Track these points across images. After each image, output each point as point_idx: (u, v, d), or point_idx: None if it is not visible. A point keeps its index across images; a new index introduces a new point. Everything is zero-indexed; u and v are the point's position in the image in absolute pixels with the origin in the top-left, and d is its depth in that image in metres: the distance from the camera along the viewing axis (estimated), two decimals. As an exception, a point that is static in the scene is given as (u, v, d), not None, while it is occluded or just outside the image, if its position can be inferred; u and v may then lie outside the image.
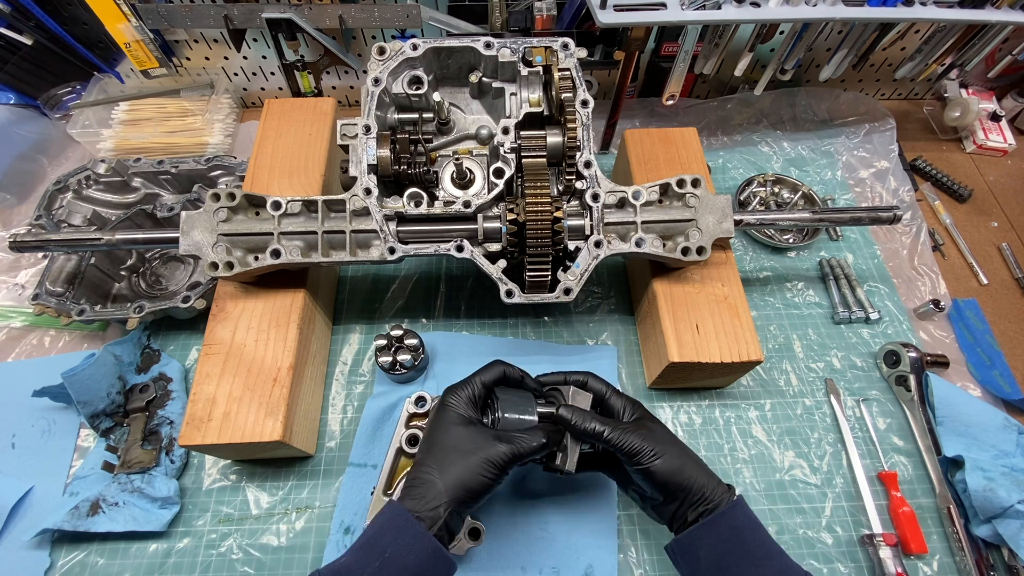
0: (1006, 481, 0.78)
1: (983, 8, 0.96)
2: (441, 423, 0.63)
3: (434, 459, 0.60)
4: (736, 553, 0.58)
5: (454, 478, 0.58)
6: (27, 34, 1.08)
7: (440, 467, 0.59)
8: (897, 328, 1.00)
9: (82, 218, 0.99)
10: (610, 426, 0.63)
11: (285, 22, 1.04)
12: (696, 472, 0.62)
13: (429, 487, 0.57)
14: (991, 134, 1.27)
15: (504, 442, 0.60)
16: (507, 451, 0.59)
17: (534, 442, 0.61)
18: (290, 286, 0.84)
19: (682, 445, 0.65)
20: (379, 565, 0.52)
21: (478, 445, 0.60)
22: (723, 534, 0.59)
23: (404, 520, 0.55)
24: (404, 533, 0.54)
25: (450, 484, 0.57)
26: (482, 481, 0.58)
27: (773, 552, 0.59)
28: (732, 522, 0.59)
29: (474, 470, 0.58)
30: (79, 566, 0.77)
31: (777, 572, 0.57)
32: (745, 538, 0.59)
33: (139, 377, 0.89)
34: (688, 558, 0.61)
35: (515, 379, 0.69)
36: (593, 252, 0.77)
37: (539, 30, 1.04)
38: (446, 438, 0.61)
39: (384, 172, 0.78)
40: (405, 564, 0.53)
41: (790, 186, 1.15)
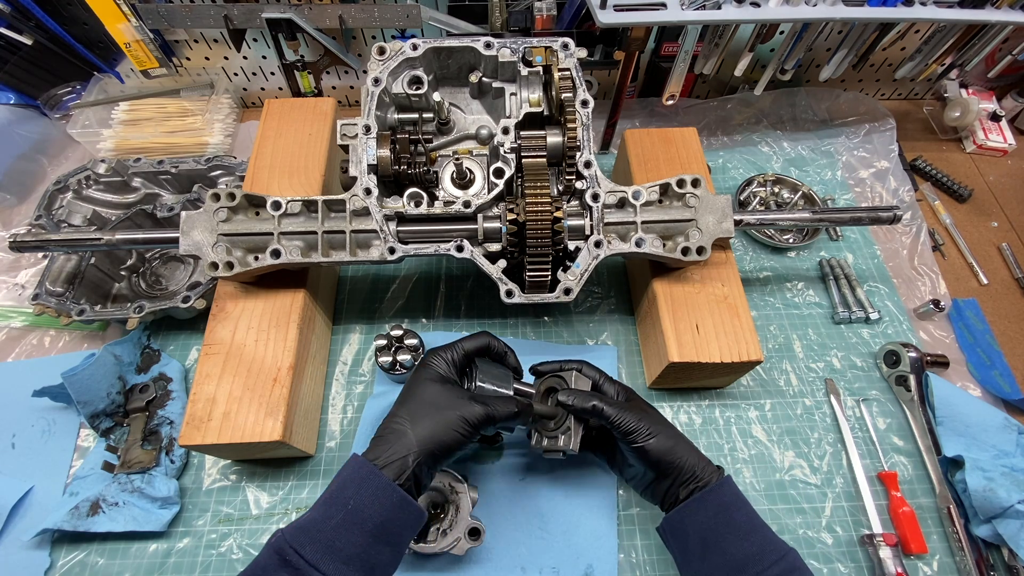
0: (1006, 481, 0.78)
1: (983, 8, 0.96)
2: (419, 379, 0.64)
3: (408, 411, 0.61)
4: (723, 528, 0.60)
5: (427, 431, 0.58)
6: (27, 34, 1.08)
7: (413, 419, 0.59)
8: (897, 328, 1.00)
9: (82, 218, 0.99)
10: (609, 405, 0.67)
11: (285, 22, 1.04)
12: (687, 452, 0.65)
13: (399, 436, 0.58)
14: (991, 134, 1.27)
15: (480, 404, 0.61)
16: (482, 412, 0.61)
17: (506, 409, 0.63)
18: (290, 286, 0.84)
19: (674, 428, 0.68)
20: (343, 517, 0.52)
21: (453, 403, 0.61)
22: (711, 510, 0.61)
23: (368, 471, 0.55)
24: (367, 484, 0.54)
25: (422, 436, 0.58)
26: (455, 436, 0.59)
27: (758, 526, 0.61)
28: (720, 499, 0.62)
29: (448, 425, 0.59)
30: (79, 566, 0.77)
31: (761, 544, 0.59)
32: (732, 514, 0.61)
33: (139, 377, 0.89)
34: (678, 535, 0.63)
35: (499, 353, 0.71)
36: (593, 252, 0.77)
37: (539, 30, 1.04)
38: (423, 393, 0.62)
39: (384, 172, 0.78)
40: (369, 515, 0.53)
41: (790, 186, 1.15)
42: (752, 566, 0.58)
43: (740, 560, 0.58)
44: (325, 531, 0.52)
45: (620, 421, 0.66)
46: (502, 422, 0.63)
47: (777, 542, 0.60)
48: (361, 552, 0.52)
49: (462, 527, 0.71)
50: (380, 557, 0.53)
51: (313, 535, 0.51)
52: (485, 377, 0.67)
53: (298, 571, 0.49)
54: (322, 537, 0.51)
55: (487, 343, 0.70)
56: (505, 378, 0.69)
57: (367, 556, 0.52)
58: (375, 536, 0.53)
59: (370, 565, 0.52)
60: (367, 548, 0.52)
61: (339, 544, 0.51)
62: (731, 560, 0.59)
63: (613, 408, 0.66)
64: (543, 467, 0.84)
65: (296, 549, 0.50)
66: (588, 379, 0.73)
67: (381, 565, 0.54)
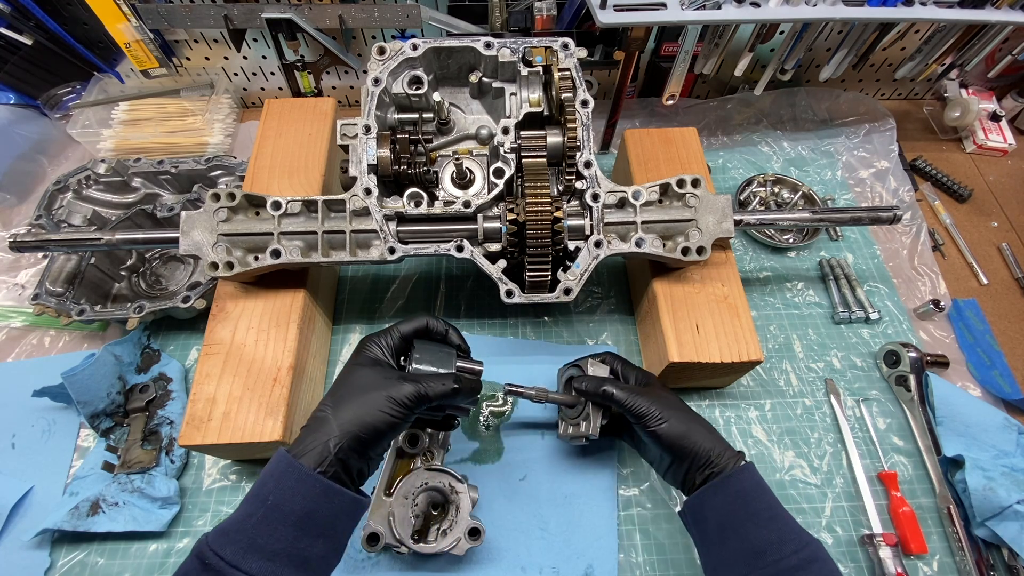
0: (1006, 481, 0.78)
1: (983, 8, 0.96)
2: (348, 365, 0.62)
3: (332, 398, 0.58)
4: (741, 515, 0.60)
5: (350, 414, 0.55)
6: (27, 34, 1.08)
7: (336, 404, 0.57)
8: (897, 328, 1.00)
9: (82, 218, 0.99)
10: (620, 389, 0.68)
11: (285, 22, 1.04)
12: (702, 437, 0.65)
13: (320, 423, 0.55)
14: (991, 134, 1.27)
15: (410, 382, 0.58)
16: (411, 390, 0.57)
17: (441, 386, 0.59)
18: (290, 286, 0.84)
19: (691, 412, 0.68)
20: (263, 513, 0.50)
21: (380, 384, 0.58)
22: (729, 496, 0.61)
23: (286, 464, 0.52)
24: (287, 476, 0.52)
25: (344, 419, 0.55)
26: (381, 417, 0.55)
27: (779, 514, 0.60)
28: (738, 485, 0.61)
29: (373, 405, 0.56)
30: (79, 566, 0.77)
31: (780, 533, 0.58)
32: (750, 501, 0.60)
33: (139, 377, 0.89)
34: (697, 520, 0.63)
35: (439, 333, 0.68)
36: (593, 252, 0.77)
37: (539, 30, 1.04)
38: (350, 378, 0.60)
39: (384, 172, 0.78)
40: (291, 509, 0.50)
41: (790, 186, 1.15)
42: (771, 553, 0.57)
43: (758, 546, 0.57)
44: (246, 529, 0.50)
45: (632, 405, 0.66)
46: (438, 400, 0.59)
47: (799, 531, 0.59)
48: (287, 547, 0.50)
49: (462, 527, 0.71)
50: (313, 550, 0.51)
51: (233, 536, 0.49)
52: (422, 357, 0.64)
53: (220, 572, 0.47)
54: (242, 536, 0.49)
55: (425, 323, 0.66)
56: (446, 357, 0.65)
57: (296, 550, 0.50)
58: (301, 529, 0.50)
59: (301, 559, 0.50)
60: (294, 542, 0.50)
61: (261, 541, 0.49)
62: (749, 546, 0.58)
63: (624, 392, 0.67)
64: (543, 467, 0.84)
65: (216, 551, 0.48)
66: (606, 366, 0.75)
67: (316, 558, 0.52)
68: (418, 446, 0.75)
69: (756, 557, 0.57)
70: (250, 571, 0.47)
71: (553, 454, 0.85)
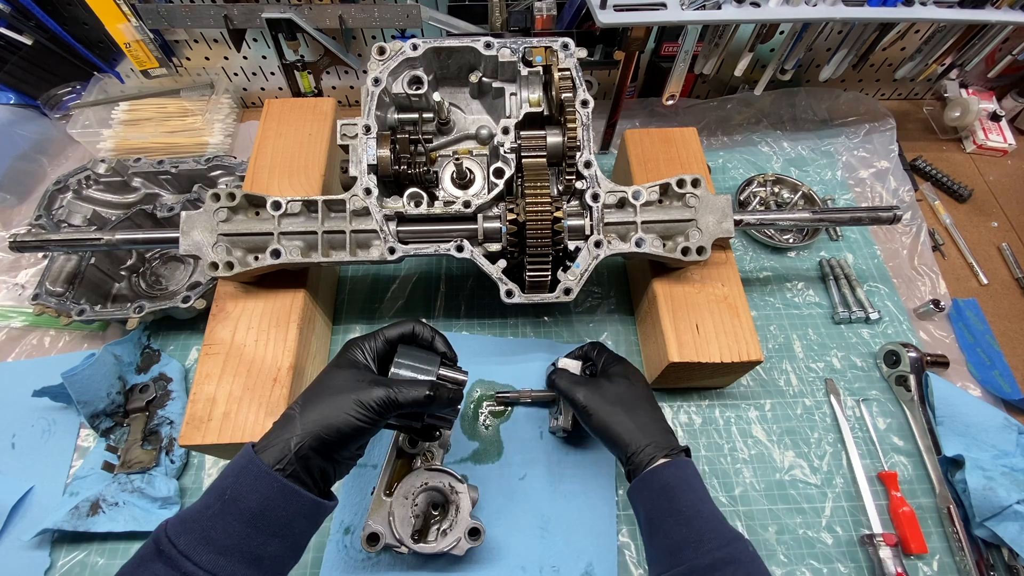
0: (1006, 481, 0.78)
1: (983, 8, 0.96)
2: (327, 367, 0.61)
3: (303, 397, 0.57)
4: (664, 510, 0.60)
5: (316, 414, 0.54)
6: (27, 34, 1.08)
7: (304, 403, 0.56)
8: (897, 328, 1.00)
9: (82, 218, 0.99)
10: (565, 380, 0.73)
11: (285, 22, 1.04)
12: (624, 430, 0.66)
13: (286, 421, 0.55)
14: (991, 134, 1.27)
15: (382, 387, 0.56)
16: (381, 395, 0.55)
17: (413, 393, 0.57)
18: (290, 286, 0.84)
19: (635, 402, 0.70)
20: (220, 507, 0.50)
21: (351, 386, 0.56)
22: (653, 491, 0.62)
23: (247, 460, 0.51)
24: (245, 473, 0.51)
25: (308, 419, 0.54)
26: (347, 420, 0.54)
27: (703, 512, 0.60)
28: (661, 480, 0.61)
29: (340, 408, 0.54)
30: (79, 566, 0.77)
31: (700, 532, 0.58)
32: (674, 497, 0.60)
33: (139, 377, 0.89)
34: (634, 511, 0.66)
35: (426, 339, 0.66)
36: (593, 252, 0.77)
37: (539, 30, 1.04)
38: (325, 379, 0.59)
39: (384, 172, 0.78)
40: (246, 505, 0.50)
41: (790, 186, 1.15)
42: (687, 551, 0.57)
43: (677, 543, 0.58)
44: (201, 521, 0.49)
45: (568, 395, 0.71)
46: (410, 407, 0.57)
47: (723, 530, 0.58)
48: (240, 543, 0.49)
49: (462, 527, 0.71)
50: (267, 549, 0.50)
51: (189, 525, 0.49)
52: (403, 362, 0.62)
53: (171, 560, 0.47)
54: (197, 528, 0.49)
55: (411, 329, 0.65)
56: (429, 363, 0.63)
57: (249, 547, 0.49)
58: (254, 526, 0.50)
59: (254, 556, 0.50)
60: (247, 539, 0.49)
61: (214, 534, 0.49)
62: (670, 543, 0.58)
63: (565, 383, 0.71)
64: (543, 467, 0.84)
65: (171, 539, 0.48)
66: (579, 361, 0.80)
67: (270, 557, 0.51)
68: (418, 446, 0.75)
69: (672, 555, 0.57)
70: (200, 563, 0.47)
71: (553, 454, 0.85)
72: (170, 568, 0.47)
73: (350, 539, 0.78)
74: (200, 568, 0.47)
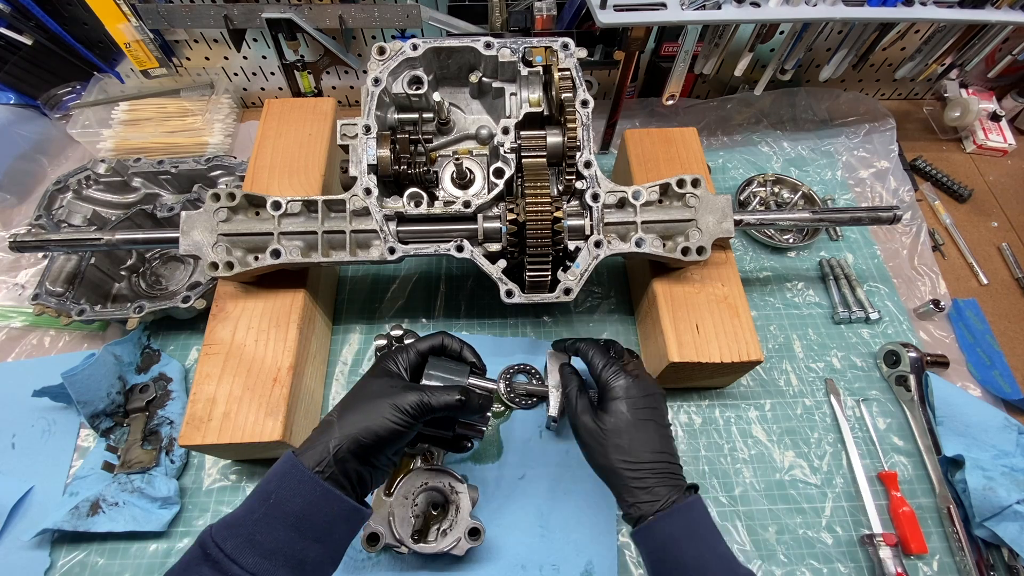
0: (1006, 481, 0.78)
1: (983, 8, 0.95)
2: (363, 377, 0.64)
3: (341, 404, 0.60)
4: (669, 562, 0.58)
5: (353, 420, 0.56)
6: (27, 34, 1.08)
7: (343, 410, 0.58)
8: (897, 328, 1.00)
9: (82, 218, 0.99)
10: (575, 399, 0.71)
11: (285, 22, 1.04)
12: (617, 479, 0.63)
13: (325, 427, 0.57)
14: (991, 134, 1.27)
15: (415, 392, 0.59)
16: (415, 398, 0.58)
17: (445, 397, 0.59)
18: (290, 286, 0.84)
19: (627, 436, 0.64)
20: (264, 511, 0.51)
21: (387, 392, 0.59)
22: (657, 543, 0.59)
23: (289, 465, 0.53)
24: (288, 477, 0.53)
25: (347, 424, 0.56)
26: (384, 424, 0.56)
27: (711, 565, 0.57)
28: (664, 533, 0.59)
29: (377, 412, 0.57)
30: (79, 566, 0.77)
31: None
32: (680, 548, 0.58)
33: (139, 377, 0.89)
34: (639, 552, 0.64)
35: (454, 351, 0.68)
36: (593, 252, 0.77)
37: (539, 30, 1.04)
38: (361, 388, 0.62)
39: (384, 172, 0.78)
40: (290, 509, 0.51)
41: (790, 186, 1.15)
42: None
43: None
44: (247, 524, 0.51)
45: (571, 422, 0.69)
46: (443, 411, 0.59)
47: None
48: (284, 547, 0.50)
49: (462, 527, 0.71)
50: (309, 553, 0.51)
51: (236, 529, 0.50)
52: (434, 371, 0.65)
53: (218, 564, 0.48)
54: (244, 531, 0.50)
55: (441, 341, 0.68)
56: (459, 373, 0.66)
57: (292, 552, 0.51)
58: (298, 530, 0.51)
59: (297, 560, 0.51)
60: (291, 543, 0.51)
61: (260, 538, 0.50)
62: None
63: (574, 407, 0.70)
64: (542, 466, 0.84)
65: (218, 543, 0.49)
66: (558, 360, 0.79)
67: (311, 562, 0.52)
68: (418, 446, 0.75)
69: None
70: (247, 566, 0.48)
71: (552, 453, 0.85)
72: (217, 572, 0.48)
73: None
74: (246, 571, 0.48)
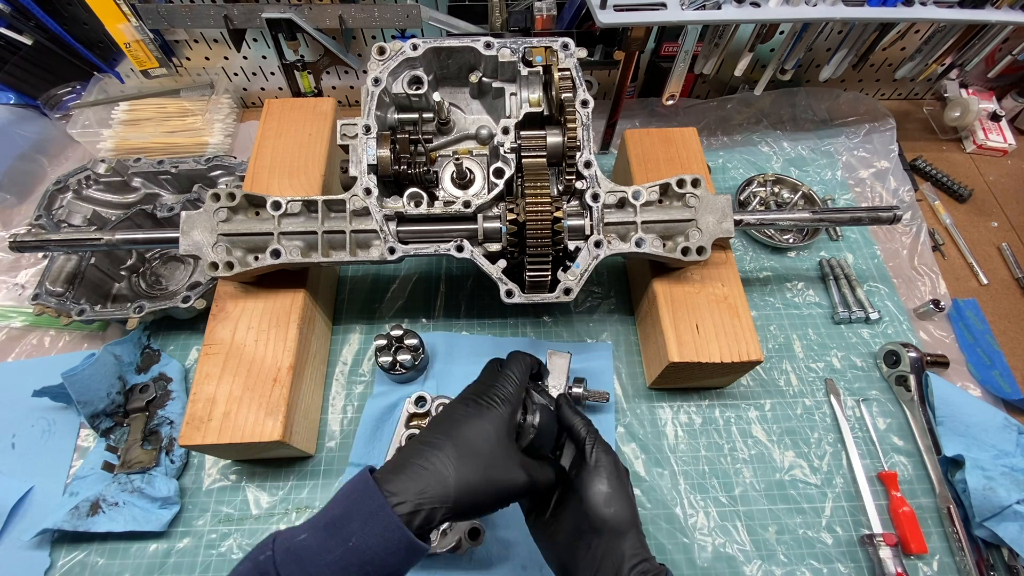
0: (1006, 481, 0.78)
1: (983, 8, 0.96)
2: (482, 418, 0.56)
3: (455, 451, 0.52)
4: None
5: (468, 486, 0.51)
6: (27, 34, 1.08)
7: (459, 464, 0.51)
8: (897, 328, 1.00)
9: (82, 218, 0.99)
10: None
11: (285, 22, 1.04)
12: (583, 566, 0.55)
13: (435, 478, 0.50)
14: (991, 134, 1.27)
15: (526, 472, 0.55)
16: (523, 482, 0.54)
17: (547, 478, 0.57)
18: (290, 286, 0.84)
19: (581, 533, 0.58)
20: (342, 553, 0.46)
21: (505, 465, 0.54)
22: None
23: (378, 505, 0.47)
24: (376, 521, 0.47)
25: (463, 490, 0.50)
26: (489, 502, 0.53)
27: None
28: None
29: (492, 485, 0.52)
30: (79, 566, 0.77)
31: None
32: None
33: (139, 377, 0.89)
34: None
35: (537, 374, 0.66)
36: (593, 252, 0.77)
37: (539, 30, 1.04)
38: (477, 437, 0.54)
39: (384, 172, 0.78)
40: (371, 557, 0.46)
41: (790, 186, 1.15)
42: None
43: None
44: (320, 565, 0.46)
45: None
46: (540, 491, 0.57)
47: None
48: None
49: (462, 527, 0.71)
50: None
51: (305, 565, 0.46)
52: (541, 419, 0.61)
53: None
54: (314, 570, 0.45)
55: (534, 367, 0.64)
56: (551, 409, 0.64)
57: None
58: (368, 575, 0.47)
59: None
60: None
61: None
62: None
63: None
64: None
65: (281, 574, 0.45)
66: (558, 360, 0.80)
67: None
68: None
69: None
70: None
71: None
72: None
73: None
74: None
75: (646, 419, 0.89)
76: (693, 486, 0.84)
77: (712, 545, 0.80)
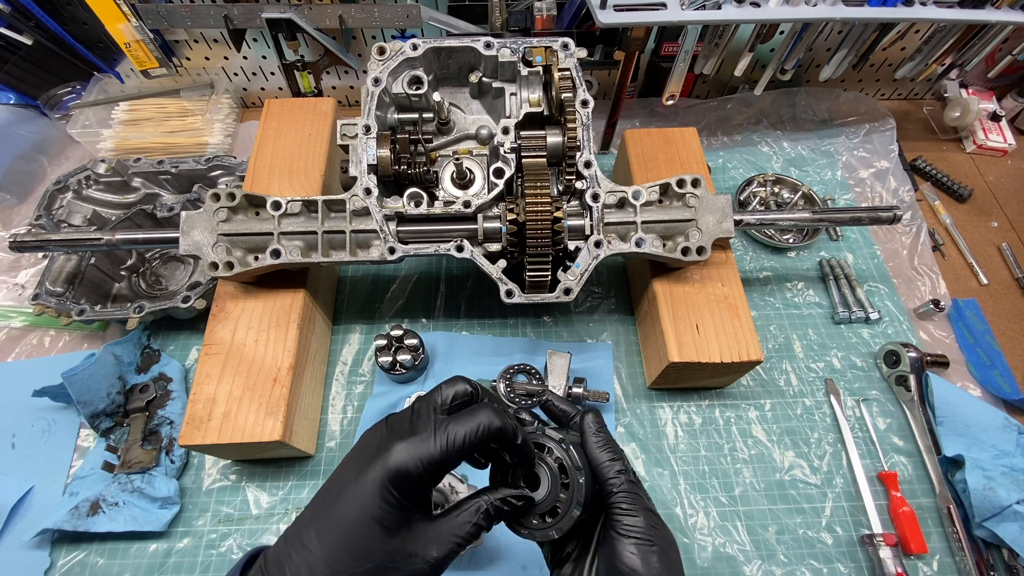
0: (1006, 481, 0.78)
1: (983, 8, 0.96)
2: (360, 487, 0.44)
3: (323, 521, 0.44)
4: None
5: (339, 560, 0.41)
6: (27, 34, 1.08)
7: (328, 560, 0.42)
8: (897, 328, 1.00)
9: (82, 218, 0.99)
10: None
11: (285, 22, 1.04)
12: None
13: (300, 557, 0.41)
14: (991, 134, 1.26)
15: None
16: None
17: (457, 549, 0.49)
18: (290, 286, 0.84)
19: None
20: None
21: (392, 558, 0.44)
22: None
23: None
24: None
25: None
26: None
27: None
28: None
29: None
30: (79, 566, 0.77)
31: None
32: None
33: (139, 377, 0.89)
34: None
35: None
36: (593, 252, 0.77)
37: (539, 30, 1.04)
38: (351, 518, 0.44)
39: (384, 172, 0.78)
40: None
41: (790, 186, 1.15)
42: None
43: None
44: None
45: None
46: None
47: None
48: None
49: (462, 527, 0.71)
50: None
51: None
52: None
53: None
54: None
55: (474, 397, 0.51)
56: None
57: None
58: None
59: None
60: None
61: None
62: None
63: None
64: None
65: None
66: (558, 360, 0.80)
67: None
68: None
69: None
70: None
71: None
72: None
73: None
74: None
75: (646, 419, 0.89)
76: (693, 486, 0.84)
77: (712, 545, 0.80)
